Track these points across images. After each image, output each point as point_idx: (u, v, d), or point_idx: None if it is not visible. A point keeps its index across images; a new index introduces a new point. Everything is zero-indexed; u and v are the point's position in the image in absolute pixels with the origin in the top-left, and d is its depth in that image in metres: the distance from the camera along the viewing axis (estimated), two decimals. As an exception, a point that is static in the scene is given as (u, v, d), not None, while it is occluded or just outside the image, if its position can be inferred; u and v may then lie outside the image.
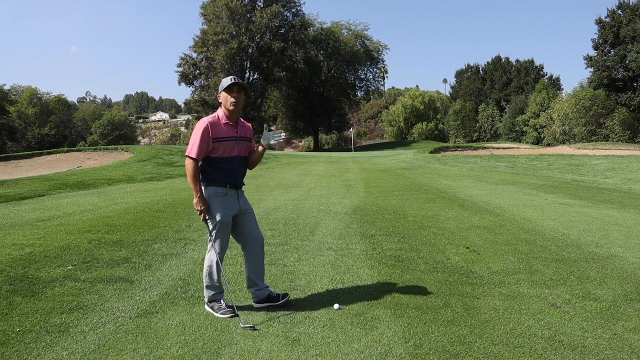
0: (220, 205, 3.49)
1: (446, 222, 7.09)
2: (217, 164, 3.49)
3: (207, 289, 3.60)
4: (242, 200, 3.64)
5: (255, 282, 3.65)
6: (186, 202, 9.29)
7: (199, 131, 3.42)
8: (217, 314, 3.50)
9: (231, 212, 3.54)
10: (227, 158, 3.51)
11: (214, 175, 3.50)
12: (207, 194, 3.49)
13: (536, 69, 62.03)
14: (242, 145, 3.61)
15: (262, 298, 3.65)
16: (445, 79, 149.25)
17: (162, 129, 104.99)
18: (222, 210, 3.49)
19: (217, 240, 3.53)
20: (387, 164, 24.46)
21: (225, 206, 3.50)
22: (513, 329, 3.21)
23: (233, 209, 3.55)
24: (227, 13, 52.05)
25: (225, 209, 3.50)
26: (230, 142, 3.50)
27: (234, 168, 3.54)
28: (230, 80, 3.47)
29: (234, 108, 3.49)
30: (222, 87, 3.50)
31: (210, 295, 3.60)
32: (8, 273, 4.45)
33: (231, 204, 3.54)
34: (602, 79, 39.60)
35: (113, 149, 28.69)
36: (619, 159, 21.79)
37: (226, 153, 3.50)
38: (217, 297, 3.61)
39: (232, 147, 3.52)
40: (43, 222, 7.19)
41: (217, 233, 3.51)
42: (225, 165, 3.50)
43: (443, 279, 4.34)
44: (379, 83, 75.92)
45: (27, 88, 74.99)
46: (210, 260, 3.56)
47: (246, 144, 3.65)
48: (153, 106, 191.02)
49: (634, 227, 6.75)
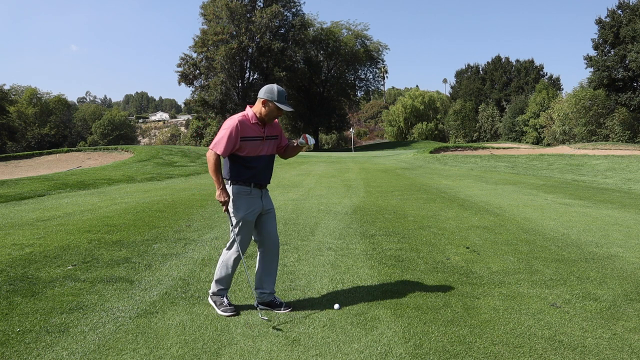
0: (245, 203, 3.51)
1: (446, 222, 7.09)
2: (243, 162, 3.49)
3: (216, 282, 3.62)
4: (266, 199, 3.64)
5: (263, 286, 3.65)
6: (186, 202, 9.29)
7: (228, 128, 3.40)
8: (219, 310, 3.51)
9: (255, 210, 3.55)
10: (253, 157, 3.51)
11: (239, 174, 3.50)
12: (231, 192, 3.51)
13: (536, 69, 62.01)
14: (270, 144, 3.60)
15: (265, 302, 3.64)
16: (445, 79, 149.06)
17: (162, 129, 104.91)
18: (246, 209, 3.50)
19: (239, 237, 3.54)
20: (387, 164, 24.46)
21: (249, 204, 3.51)
22: (513, 329, 3.21)
23: (257, 207, 3.56)
24: (227, 13, 52.05)
25: (249, 208, 3.51)
26: (257, 142, 3.49)
27: (259, 167, 3.54)
28: (285, 102, 3.44)
29: (271, 121, 3.52)
30: (274, 98, 3.42)
31: (216, 290, 3.61)
32: (8, 273, 4.45)
33: (255, 202, 3.54)
34: (602, 79, 39.60)
35: (113, 149, 28.70)
36: (619, 159, 21.79)
37: (253, 152, 3.50)
38: (222, 293, 3.62)
39: (258, 146, 3.51)
40: (43, 222, 7.19)
41: (240, 230, 3.53)
42: (251, 164, 3.50)
43: (443, 279, 4.34)
44: (379, 83, 75.95)
45: (27, 88, 74.95)
46: (229, 256, 3.58)
47: (274, 143, 3.64)
48: (153, 106, 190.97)
49: (634, 227, 6.75)
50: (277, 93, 3.42)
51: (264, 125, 3.53)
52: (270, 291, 3.67)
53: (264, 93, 3.45)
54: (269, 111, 3.45)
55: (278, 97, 3.42)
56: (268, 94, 3.43)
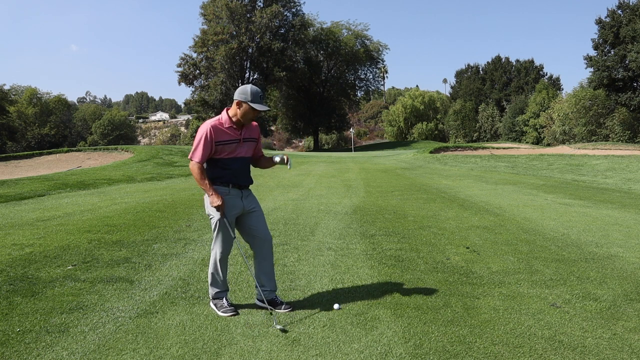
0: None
1: (446, 222, 7.09)
2: (220, 164, 3.50)
3: (211, 286, 3.63)
4: (248, 199, 3.63)
5: (263, 283, 3.65)
6: (186, 202, 9.29)
7: (201, 136, 3.40)
8: (219, 312, 3.51)
9: (234, 211, 3.54)
10: (230, 159, 3.50)
11: (217, 175, 3.50)
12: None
13: (536, 69, 62.03)
14: (247, 146, 3.59)
15: (267, 300, 3.64)
16: (445, 79, 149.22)
17: (162, 129, 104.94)
18: (224, 211, 3.49)
19: (218, 238, 3.54)
20: (387, 164, 24.46)
21: (228, 205, 3.50)
22: (513, 329, 3.21)
23: (236, 208, 3.55)
24: (227, 13, 52.05)
25: (227, 208, 3.50)
26: (233, 145, 3.49)
27: (236, 168, 3.53)
28: (261, 102, 3.39)
29: (248, 122, 3.50)
30: (247, 98, 3.38)
31: (214, 293, 3.62)
32: (8, 273, 4.45)
33: (234, 203, 3.54)
34: (602, 79, 39.61)
35: (113, 149, 28.70)
36: (619, 159, 21.79)
37: (230, 154, 3.49)
38: (220, 295, 3.62)
39: (235, 148, 3.50)
40: (43, 222, 7.19)
41: (219, 231, 3.53)
42: (228, 165, 3.50)
43: (443, 279, 4.34)
44: (379, 83, 75.94)
45: (27, 88, 74.96)
46: (213, 256, 3.59)
47: (251, 145, 3.63)
48: (153, 106, 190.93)
49: (634, 227, 6.75)
50: (250, 93, 3.38)
51: (240, 128, 3.51)
52: (271, 288, 3.67)
53: (238, 94, 3.43)
54: (244, 112, 3.42)
55: (252, 97, 3.38)
56: (242, 94, 3.40)
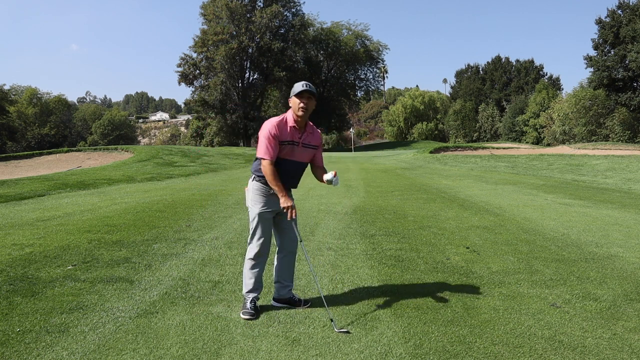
0: (263, 200, 3.52)
1: (446, 222, 7.09)
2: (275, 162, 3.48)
3: (244, 284, 3.63)
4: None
5: (280, 280, 3.68)
6: (186, 202, 9.29)
7: (266, 133, 3.41)
8: (240, 311, 3.50)
9: (272, 209, 3.55)
10: (286, 160, 3.49)
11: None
12: (253, 187, 3.55)
13: (536, 69, 62.05)
14: (305, 152, 3.57)
15: (284, 299, 3.65)
16: (445, 79, 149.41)
17: (162, 129, 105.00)
18: (263, 205, 3.52)
19: (255, 234, 3.55)
20: (387, 164, 24.46)
21: (267, 201, 3.52)
22: (513, 329, 3.21)
23: (275, 207, 3.55)
24: (227, 13, 52.04)
25: (266, 204, 3.52)
26: (290, 146, 3.48)
27: (287, 170, 3.51)
28: (302, 87, 3.42)
29: (302, 114, 3.46)
30: (294, 92, 3.43)
31: (245, 291, 3.61)
32: (8, 273, 4.44)
33: (274, 201, 3.54)
34: (602, 79, 39.63)
35: (113, 149, 28.70)
36: (619, 159, 21.79)
37: (287, 156, 3.49)
38: (248, 296, 3.58)
39: (291, 150, 3.49)
40: (43, 222, 7.18)
41: (256, 227, 3.54)
42: (280, 166, 3.48)
43: (443, 279, 4.34)
44: (379, 83, 75.93)
45: (27, 88, 75.02)
46: (249, 251, 3.60)
47: (309, 151, 3.61)
48: (153, 106, 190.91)
49: (634, 227, 6.75)
50: (295, 87, 3.46)
51: (301, 129, 3.52)
52: (289, 284, 3.69)
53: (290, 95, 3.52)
54: (293, 104, 3.46)
55: (296, 88, 3.45)
56: (291, 93, 3.49)
